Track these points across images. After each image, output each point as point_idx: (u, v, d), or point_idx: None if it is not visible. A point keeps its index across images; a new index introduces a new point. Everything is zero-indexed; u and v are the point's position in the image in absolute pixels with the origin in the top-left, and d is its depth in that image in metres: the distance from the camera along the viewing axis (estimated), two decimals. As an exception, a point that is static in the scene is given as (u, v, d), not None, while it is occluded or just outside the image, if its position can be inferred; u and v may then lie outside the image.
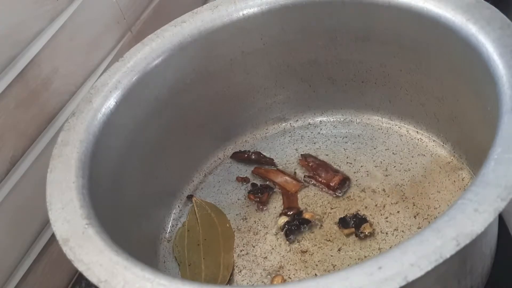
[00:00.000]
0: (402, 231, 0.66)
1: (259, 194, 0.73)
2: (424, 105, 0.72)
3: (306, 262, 0.66)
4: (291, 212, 0.70)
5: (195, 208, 0.73)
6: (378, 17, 0.67)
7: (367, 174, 0.73)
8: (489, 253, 0.57)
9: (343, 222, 0.68)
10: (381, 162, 0.74)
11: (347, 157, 0.75)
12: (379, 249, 0.65)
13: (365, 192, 0.71)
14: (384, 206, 0.69)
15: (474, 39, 0.57)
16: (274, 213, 0.72)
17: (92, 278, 0.47)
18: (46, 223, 0.70)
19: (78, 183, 0.55)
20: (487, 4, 0.59)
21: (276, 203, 0.73)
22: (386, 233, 0.66)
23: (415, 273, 0.40)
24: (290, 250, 0.67)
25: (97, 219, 0.52)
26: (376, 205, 0.69)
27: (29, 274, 0.68)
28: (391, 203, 0.69)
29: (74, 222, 0.51)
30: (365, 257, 0.64)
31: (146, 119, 0.68)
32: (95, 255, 0.48)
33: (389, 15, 0.65)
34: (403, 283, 0.40)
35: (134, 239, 0.63)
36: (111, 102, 0.63)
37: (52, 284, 0.72)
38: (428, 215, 0.66)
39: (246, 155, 0.78)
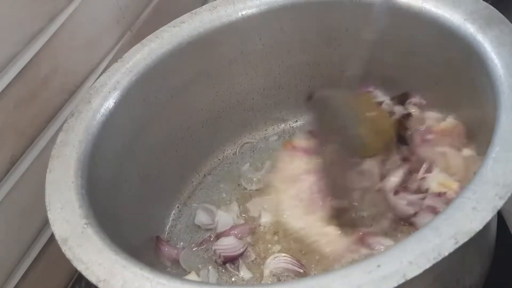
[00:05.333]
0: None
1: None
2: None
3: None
4: None
5: None
6: (376, 17, 0.66)
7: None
8: (488, 252, 0.57)
9: None
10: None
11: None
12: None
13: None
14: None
15: (472, 38, 0.57)
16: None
17: (91, 277, 0.47)
18: (46, 222, 0.69)
19: (77, 183, 0.55)
20: (486, 4, 0.59)
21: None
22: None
23: (413, 271, 0.41)
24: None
25: (96, 219, 0.52)
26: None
27: (29, 273, 0.68)
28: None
29: (73, 222, 0.52)
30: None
31: (145, 120, 0.68)
32: (94, 255, 0.48)
33: (387, 15, 0.65)
34: (402, 281, 0.40)
35: (133, 238, 0.63)
36: (110, 103, 0.63)
37: (52, 283, 0.72)
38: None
39: None
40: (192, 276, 0.66)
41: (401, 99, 0.70)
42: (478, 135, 0.63)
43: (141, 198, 0.68)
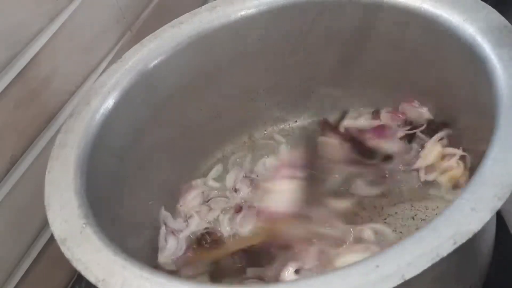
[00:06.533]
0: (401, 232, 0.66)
1: None
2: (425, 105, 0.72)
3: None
4: None
5: None
6: (375, 18, 0.67)
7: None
8: (487, 252, 0.57)
9: None
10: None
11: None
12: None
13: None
14: (382, 208, 0.68)
15: (471, 39, 0.57)
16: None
17: (90, 277, 0.47)
18: (46, 222, 0.69)
19: (76, 183, 0.55)
20: (484, 4, 0.59)
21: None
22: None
23: (412, 272, 0.41)
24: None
25: (95, 219, 0.52)
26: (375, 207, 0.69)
27: (29, 273, 0.68)
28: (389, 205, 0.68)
29: (72, 222, 0.52)
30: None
31: (144, 120, 0.68)
32: (93, 255, 0.48)
33: (386, 15, 0.66)
34: (400, 282, 0.40)
35: (132, 238, 0.63)
36: (109, 103, 0.63)
37: (52, 283, 0.72)
38: (426, 216, 0.66)
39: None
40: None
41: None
42: (476, 136, 0.63)
43: (141, 198, 0.68)
